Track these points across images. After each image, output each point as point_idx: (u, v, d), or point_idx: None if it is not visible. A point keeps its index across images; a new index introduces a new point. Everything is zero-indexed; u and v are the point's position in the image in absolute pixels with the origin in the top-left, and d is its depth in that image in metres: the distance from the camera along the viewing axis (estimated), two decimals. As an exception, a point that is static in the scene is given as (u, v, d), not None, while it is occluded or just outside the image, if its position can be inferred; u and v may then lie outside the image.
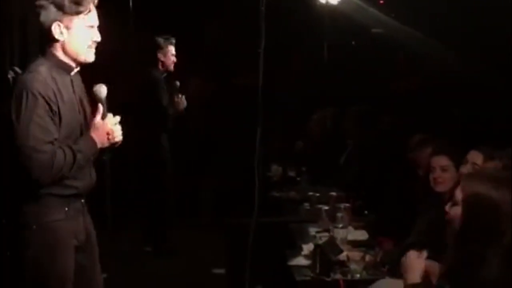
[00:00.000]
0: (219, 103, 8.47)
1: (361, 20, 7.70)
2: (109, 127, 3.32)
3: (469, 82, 6.64)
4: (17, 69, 3.73)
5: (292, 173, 6.93)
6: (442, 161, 4.04)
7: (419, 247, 3.55)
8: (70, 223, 3.28)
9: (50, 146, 3.09)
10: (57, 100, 3.15)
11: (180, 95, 6.73)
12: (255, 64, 3.46)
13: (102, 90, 3.35)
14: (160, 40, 6.72)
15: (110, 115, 3.34)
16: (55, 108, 3.13)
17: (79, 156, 3.17)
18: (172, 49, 6.76)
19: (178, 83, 6.76)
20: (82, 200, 3.38)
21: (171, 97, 6.72)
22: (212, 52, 8.67)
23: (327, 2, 7.88)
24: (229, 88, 8.60)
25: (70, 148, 3.17)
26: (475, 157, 3.70)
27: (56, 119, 3.14)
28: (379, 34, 8.23)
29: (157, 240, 6.85)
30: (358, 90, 7.88)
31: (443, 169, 4.03)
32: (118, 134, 3.37)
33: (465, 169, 3.75)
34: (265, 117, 3.53)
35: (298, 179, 6.61)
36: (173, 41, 6.76)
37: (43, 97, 3.09)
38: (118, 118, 3.37)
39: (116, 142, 3.38)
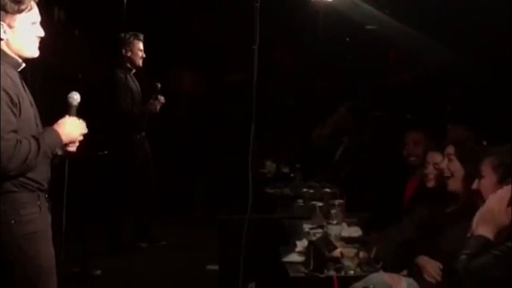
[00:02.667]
0: (213, 99, 8.47)
1: (355, 16, 7.69)
2: (72, 126, 3.37)
3: (462, 78, 6.66)
4: None
5: (286, 170, 6.93)
6: (436, 157, 4.06)
7: (412, 244, 3.58)
8: (44, 216, 3.35)
9: (13, 134, 3.13)
10: (15, 93, 3.19)
11: (158, 96, 6.65)
12: (249, 61, 3.46)
13: (75, 97, 3.44)
14: (126, 36, 6.56)
15: (81, 122, 3.41)
16: (15, 100, 3.17)
17: (43, 145, 3.21)
18: (139, 45, 6.59)
19: (159, 84, 6.67)
20: (46, 196, 3.42)
21: (148, 95, 6.65)
22: (206, 48, 8.65)
23: (321, -1, 7.87)
24: (223, 84, 8.59)
25: (34, 137, 3.21)
26: (449, 149, 3.73)
27: (16, 111, 3.19)
28: (373, 30, 8.23)
29: (145, 235, 6.86)
30: (352, 87, 7.89)
31: (435, 166, 4.05)
32: (81, 128, 3.41)
33: (443, 164, 3.77)
34: (259, 113, 3.53)
35: (292, 175, 6.61)
36: (141, 37, 6.62)
37: (4, 90, 3.13)
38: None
39: (76, 140, 3.42)
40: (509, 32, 5.72)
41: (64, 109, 3.43)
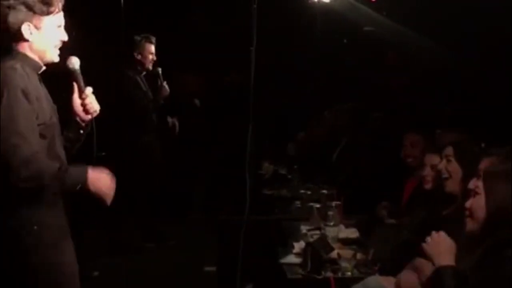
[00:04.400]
0: (211, 101, 8.47)
1: (353, 18, 7.70)
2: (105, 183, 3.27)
3: (460, 79, 6.66)
4: None
5: (283, 171, 6.93)
6: (433, 159, 4.06)
7: (409, 245, 3.57)
8: (64, 220, 3.29)
9: (37, 142, 3.07)
10: (36, 96, 3.13)
11: (162, 82, 6.71)
12: (247, 62, 3.46)
13: (74, 61, 3.34)
14: (137, 38, 6.65)
15: (88, 88, 3.35)
16: (34, 101, 3.10)
17: (65, 178, 3.12)
18: (150, 48, 6.69)
19: (159, 69, 6.73)
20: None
21: (154, 94, 6.70)
22: (204, 50, 8.65)
23: (319, 1, 7.87)
24: (221, 86, 8.59)
25: (62, 166, 3.13)
26: (447, 151, 3.73)
27: (34, 114, 3.12)
28: (371, 32, 8.24)
29: (149, 237, 6.86)
30: (350, 88, 7.89)
31: (433, 168, 4.05)
32: (94, 105, 3.36)
33: (441, 165, 3.77)
34: (256, 115, 3.53)
35: (290, 177, 6.61)
36: (152, 39, 6.70)
37: (26, 94, 3.07)
38: (90, 89, 3.36)
39: (96, 112, 3.37)
40: (508, 33, 5.73)
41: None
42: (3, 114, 3.01)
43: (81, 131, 3.42)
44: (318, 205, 4.85)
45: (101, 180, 3.23)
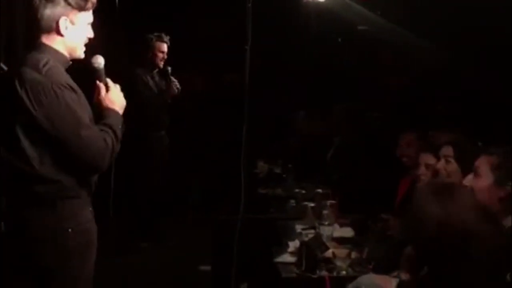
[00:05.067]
0: (206, 100, 8.46)
1: (347, 17, 7.71)
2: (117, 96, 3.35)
3: (455, 79, 6.68)
4: (2, 65, 3.70)
5: (278, 170, 6.93)
6: (428, 158, 4.07)
7: (404, 245, 3.58)
8: (94, 224, 3.26)
9: (93, 130, 3.08)
10: (75, 88, 3.13)
11: (172, 79, 6.75)
12: (242, 61, 3.47)
13: (100, 61, 3.35)
14: (150, 37, 6.70)
15: (113, 85, 3.37)
16: (78, 93, 3.13)
17: (117, 130, 3.19)
18: (161, 46, 6.74)
19: (169, 68, 6.76)
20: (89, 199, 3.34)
21: (164, 92, 6.72)
22: (200, 49, 8.64)
23: (313, 0, 7.87)
24: (216, 85, 8.59)
25: (105, 124, 3.17)
26: (447, 151, 3.73)
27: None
28: (365, 31, 8.24)
29: (145, 235, 6.85)
30: (344, 87, 7.89)
31: (428, 167, 4.06)
32: (122, 99, 3.39)
33: (440, 164, 3.77)
34: (252, 114, 3.53)
35: (284, 176, 6.61)
36: (165, 38, 6.76)
37: (69, 85, 3.07)
38: (117, 86, 3.41)
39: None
40: (503, 32, 5.75)
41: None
42: (62, 112, 2.99)
43: None
44: (313, 204, 4.86)
45: (114, 99, 3.33)
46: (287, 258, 3.93)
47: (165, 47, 6.77)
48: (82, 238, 3.14)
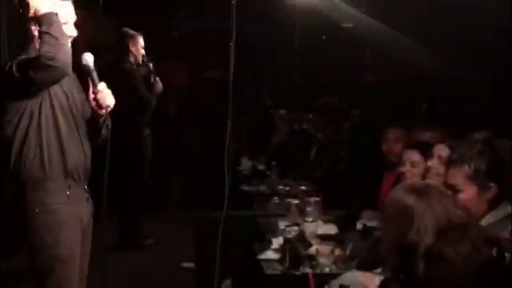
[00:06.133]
0: (189, 96, 8.44)
1: (331, 15, 7.72)
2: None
3: (438, 76, 6.71)
4: None
5: (261, 167, 6.93)
6: (413, 156, 4.08)
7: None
8: (73, 206, 3.43)
9: None
10: None
11: (155, 76, 6.68)
12: (226, 58, 3.46)
13: (89, 58, 3.48)
14: (132, 32, 6.64)
15: (102, 83, 3.49)
16: None
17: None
18: (141, 41, 6.69)
19: (151, 64, 6.68)
20: (85, 187, 3.54)
21: (147, 86, 6.67)
22: (183, 45, 8.63)
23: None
24: (199, 82, 8.57)
25: None
26: (441, 151, 3.72)
27: None
28: (349, 28, 8.26)
29: (128, 233, 6.81)
30: (328, 84, 7.91)
31: (413, 164, 4.06)
32: (108, 100, 3.48)
33: (432, 162, 3.77)
34: (235, 111, 3.53)
35: (268, 173, 6.61)
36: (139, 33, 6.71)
37: None
38: (103, 84, 3.51)
39: (109, 106, 3.50)
40: (488, 31, 5.78)
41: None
42: None
43: (99, 127, 3.55)
44: (296, 201, 4.85)
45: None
46: (270, 255, 3.92)
47: (142, 41, 6.71)
48: (50, 218, 3.34)
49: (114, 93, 3.52)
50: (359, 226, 4.22)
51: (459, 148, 3.13)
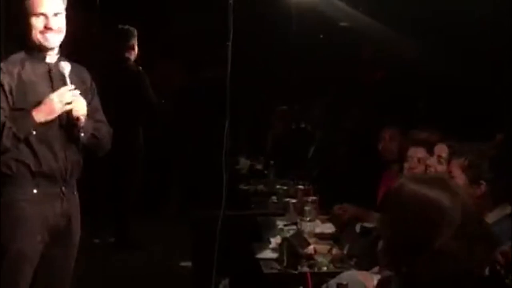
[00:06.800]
0: (186, 96, 8.43)
1: (329, 13, 7.72)
2: (57, 101, 3.41)
3: (435, 75, 6.70)
4: None
5: (259, 166, 6.94)
6: (419, 152, 4.10)
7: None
8: (39, 206, 3.42)
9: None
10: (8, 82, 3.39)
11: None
12: (223, 57, 3.46)
13: (65, 66, 3.49)
14: (131, 29, 6.59)
15: (65, 88, 3.44)
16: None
17: (7, 128, 3.31)
18: (133, 39, 6.65)
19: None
20: (63, 188, 3.51)
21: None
22: (179, 45, 8.62)
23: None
24: (197, 81, 8.56)
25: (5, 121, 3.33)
26: (441, 150, 3.73)
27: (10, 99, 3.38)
28: (346, 27, 8.26)
29: (121, 232, 6.81)
30: (326, 83, 7.90)
31: (420, 161, 4.09)
32: (79, 108, 3.45)
33: (430, 161, 3.79)
34: (233, 110, 3.52)
35: (266, 172, 6.62)
36: (133, 31, 6.68)
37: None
38: (77, 91, 3.47)
39: (78, 117, 3.45)
40: (485, 30, 5.78)
41: None
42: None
43: (81, 135, 3.52)
44: (294, 200, 4.87)
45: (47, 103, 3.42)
46: (268, 254, 3.93)
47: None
48: (9, 213, 3.37)
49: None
50: (357, 228, 4.22)
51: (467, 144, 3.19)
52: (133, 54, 6.59)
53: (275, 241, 4.06)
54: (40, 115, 3.38)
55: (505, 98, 5.49)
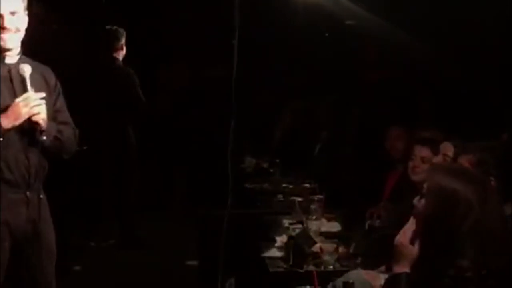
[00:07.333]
0: (192, 94, 8.43)
1: (335, 12, 7.70)
2: (23, 106, 3.33)
3: (440, 74, 6.69)
4: None
5: (265, 165, 6.93)
6: (424, 151, 4.10)
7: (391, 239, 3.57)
8: (3, 212, 3.32)
9: None
10: None
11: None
12: (229, 56, 3.45)
13: (25, 69, 3.39)
14: (120, 30, 6.58)
15: (30, 93, 3.36)
16: None
17: None
18: (122, 38, 6.62)
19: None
20: (27, 193, 3.42)
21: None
22: (185, 43, 8.61)
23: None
24: (203, 79, 8.56)
25: None
26: (447, 149, 3.74)
27: None
28: (352, 26, 8.24)
29: (125, 232, 6.82)
30: (331, 82, 7.89)
31: (423, 160, 4.09)
32: (40, 112, 3.36)
33: (437, 159, 3.79)
34: (239, 108, 3.52)
35: (272, 171, 6.61)
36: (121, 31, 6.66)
37: None
38: (40, 94, 3.40)
39: (38, 122, 3.37)
40: (489, 30, 5.77)
41: None
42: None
43: (42, 139, 3.42)
44: (300, 199, 4.87)
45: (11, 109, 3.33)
46: (274, 252, 3.93)
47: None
48: None
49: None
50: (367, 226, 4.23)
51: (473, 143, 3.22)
52: (121, 55, 6.57)
53: (281, 239, 4.05)
54: (6, 121, 3.29)
55: (509, 98, 5.48)
